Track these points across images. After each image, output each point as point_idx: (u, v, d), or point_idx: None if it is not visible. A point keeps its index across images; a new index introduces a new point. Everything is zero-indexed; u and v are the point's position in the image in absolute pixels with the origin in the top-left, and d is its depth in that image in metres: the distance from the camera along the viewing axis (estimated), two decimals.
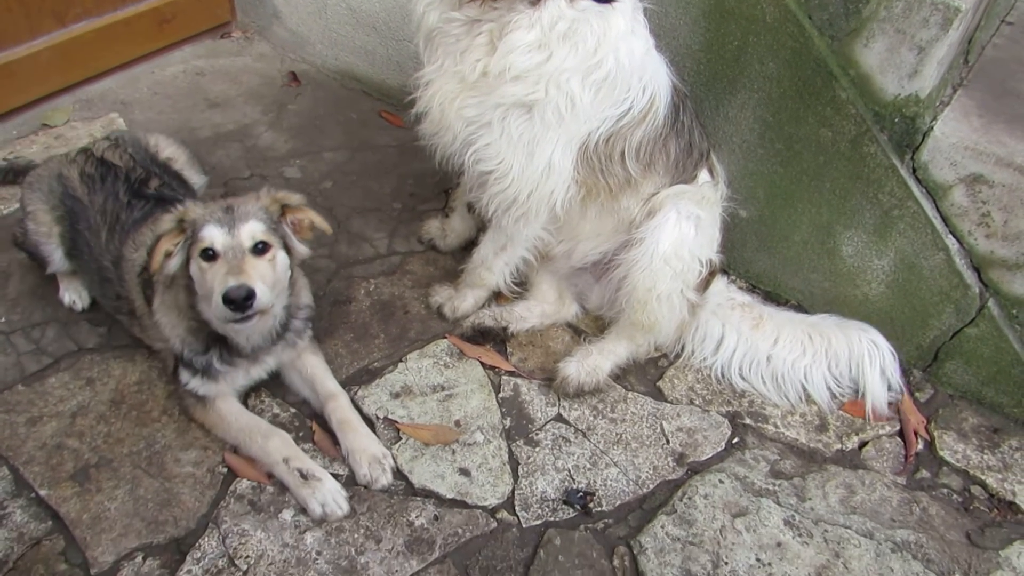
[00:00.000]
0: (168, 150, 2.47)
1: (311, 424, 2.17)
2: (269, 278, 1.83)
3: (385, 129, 3.28)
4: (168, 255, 1.87)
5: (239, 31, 3.73)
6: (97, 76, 3.30)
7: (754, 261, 2.70)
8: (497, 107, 2.01)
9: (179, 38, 3.55)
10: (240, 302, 1.74)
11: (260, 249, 1.84)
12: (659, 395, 2.41)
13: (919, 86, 2.18)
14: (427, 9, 2.04)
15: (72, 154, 2.32)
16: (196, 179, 2.49)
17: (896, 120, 2.25)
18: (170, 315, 2.00)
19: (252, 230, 1.83)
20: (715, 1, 2.33)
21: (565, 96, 1.98)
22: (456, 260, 2.65)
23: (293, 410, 2.21)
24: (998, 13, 2.73)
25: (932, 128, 2.23)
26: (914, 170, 2.29)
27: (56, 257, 2.28)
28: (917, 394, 2.51)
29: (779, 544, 2.04)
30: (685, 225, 2.23)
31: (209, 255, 1.81)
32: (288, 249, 1.94)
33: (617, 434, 2.27)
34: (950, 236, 2.31)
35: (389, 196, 2.95)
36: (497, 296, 2.56)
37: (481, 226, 2.52)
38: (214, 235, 1.81)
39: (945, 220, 2.31)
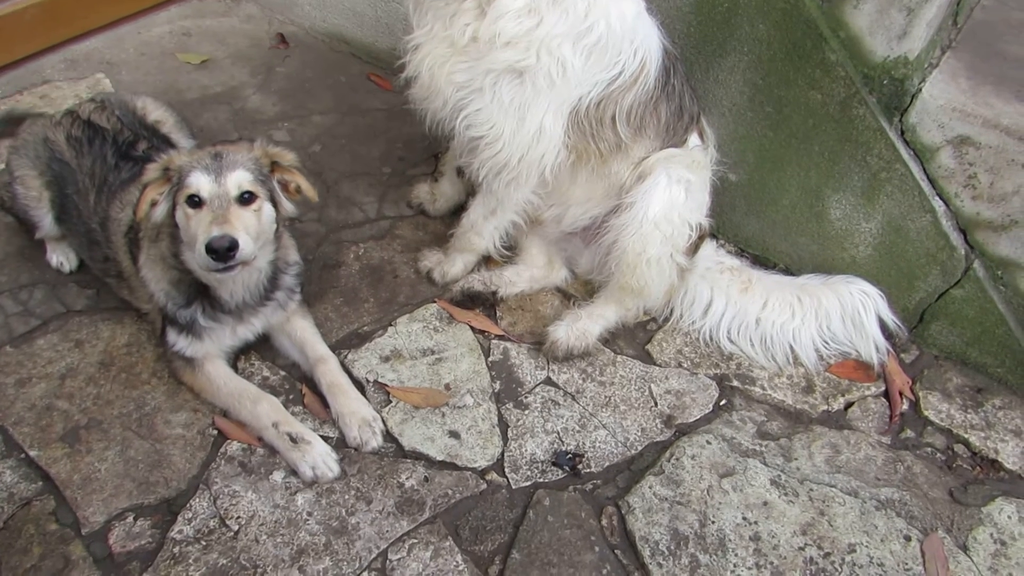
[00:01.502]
0: (156, 113, 2.45)
1: (301, 387, 2.18)
2: (253, 229, 1.82)
3: (374, 92, 3.25)
4: (154, 204, 1.87)
5: None
6: (83, 35, 3.26)
7: (743, 225, 2.71)
8: (488, 73, 2.00)
9: None
10: (223, 252, 1.74)
11: (246, 199, 1.83)
12: (648, 358, 2.42)
13: (908, 48, 2.17)
14: None
15: (57, 117, 2.30)
16: (184, 142, 2.48)
17: (885, 82, 2.24)
18: (155, 268, 2.00)
19: (239, 179, 1.82)
20: None
21: (556, 61, 1.97)
22: (445, 224, 2.65)
23: (283, 373, 2.22)
24: None
25: (920, 90, 2.23)
26: (902, 132, 2.29)
27: (46, 222, 2.28)
28: (903, 355, 2.53)
29: (765, 503, 2.08)
30: (675, 189, 2.23)
31: (195, 202, 1.81)
32: (275, 203, 1.93)
33: (606, 397, 2.29)
34: (937, 198, 2.32)
35: (378, 160, 2.94)
36: (487, 260, 2.56)
37: (471, 190, 2.51)
38: (200, 182, 1.80)
39: (932, 182, 2.31)
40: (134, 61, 3.24)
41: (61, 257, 2.38)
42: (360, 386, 2.18)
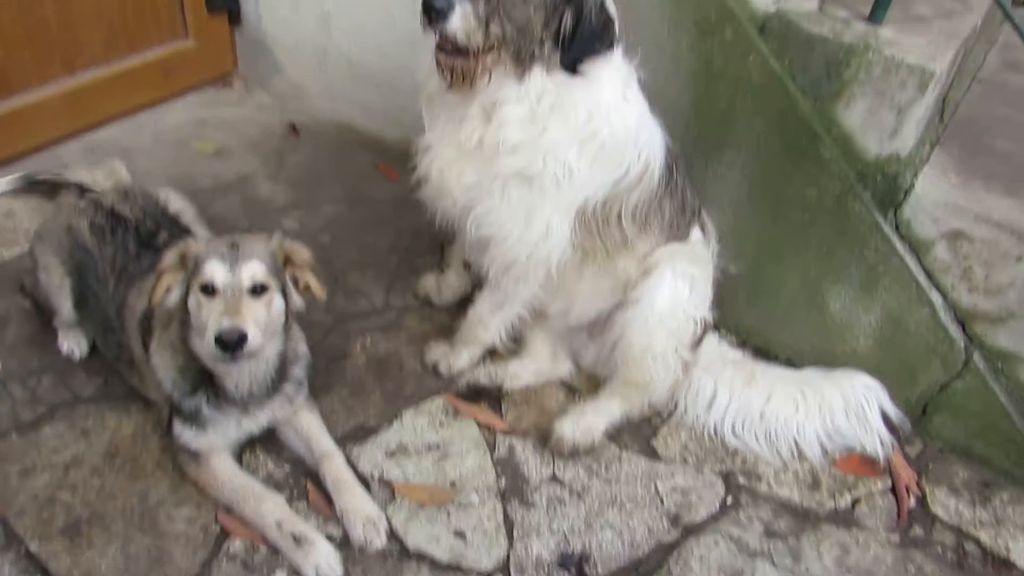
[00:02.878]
0: (177, 204, 2.51)
1: (306, 483, 2.18)
2: (263, 320, 1.85)
3: (382, 182, 3.33)
4: (168, 289, 1.90)
5: (240, 82, 3.80)
6: (102, 123, 3.36)
7: (744, 316, 2.73)
8: (496, 177, 2.06)
9: (183, 88, 3.62)
10: (231, 344, 1.77)
11: (258, 290, 1.86)
12: (653, 454, 2.42)
13: (899, 145, 2.24)
14: (427, 77, 2.11)
15: (82, 205, 2.36)
16: (202, 233, 2.52)
17: (878, 178, 2.30)
18: (164, 355, 2.02)
19: (253, 270, 1.85)
20: (703, 63, 2.40)
21: (562, 166, 2.03)
22: (452, 315, 2.68)
23: (288, 468, 2.22)
24: (969, 72, 2.80)
25: (913, 186, 2.28)
26: (897, 227, 2.34)
27: (65, 309, 2.32)
28: (907, 449, 2.52)
29: None
30: (680, 284, 2.27)
31: (209, 290, 1.83)
32: (285, 295, 1.96)
33: (612, 495, 2.28)
34: (934, 291, 2.35)
35: (386, 250, 2.99)
36: (492, 353, 2.59)
37: (477, 282, 2.55)
38: (216, 271, 1.83)
39: (929, 275, 2.35)
40: (150, 149, 3.33)
41: (72, 344, 2.42)
42: (365, 482, 2.18)
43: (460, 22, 1.83)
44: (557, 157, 2.02)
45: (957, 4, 2.53)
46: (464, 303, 2.59)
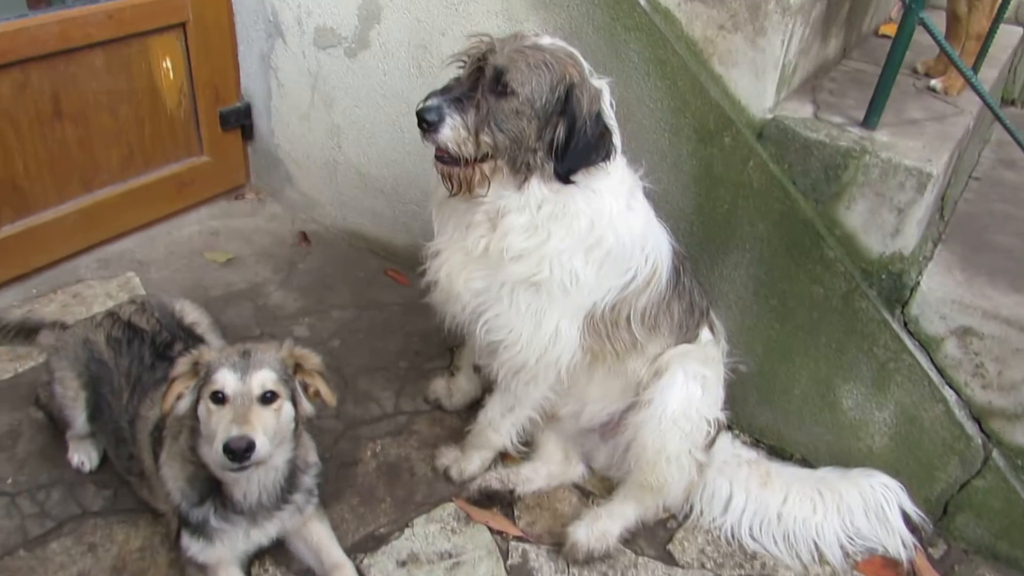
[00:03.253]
0: (192, 315, 2.54)
1: None
2: (272, 428, 1.85)
3: (391, 287, 3.37)
4: (179, 397, 1.90)
5: (253, 193, 3.91)
6: (117, 237, 3.44)
7: (756, 415, 2.72)
8: (504, 283, 2.10)
9: (196, 200, 3.72)
10: (240, 453, 1.76)
11: (268, 398, 1.87)
12: (670, 559, 2.37)
13: (902, 244, 2.28)
14: (437, 184, 2.16)
15: (98, 318, 2.39)
16: (216, 343, 2.55)
17: (883, 277, 2.33)
18: (173, 465, 2.01)
19: (263, 379, 1.86)
20: (704, 168, 2.47)
21: (569, 273, 2.06)
22: (462, 419, 2.67)
23: None
24: (965, 170, 2.88)
25: (919, 283, 2.31)
26: (905, 323, 2.35)
27: (79, 422, 2.31)
28: (931, 550, 2.46)
29: None
30: (692, 385, 2.26)
31: (218, 398, 1.84)
32: (295, 402, 1.96)
33: None
34: (947, 387, 2.35)
35: (395, 355, 3.01)
36: (503, 456, 2.56)
37: (487, 386, 2.56)
38: (226, 379, 1.84)
39: (941, 372, 2.35)
40: (163, 260, 3.39)
41: (83, 456, 2.40)
42: None
43: (450, 132, 1.90)
44: (563, 264, 2.05)
45: (948, 107, 2.63)
46: (475, 407, 2.58)
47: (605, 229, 2.06)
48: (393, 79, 3.11)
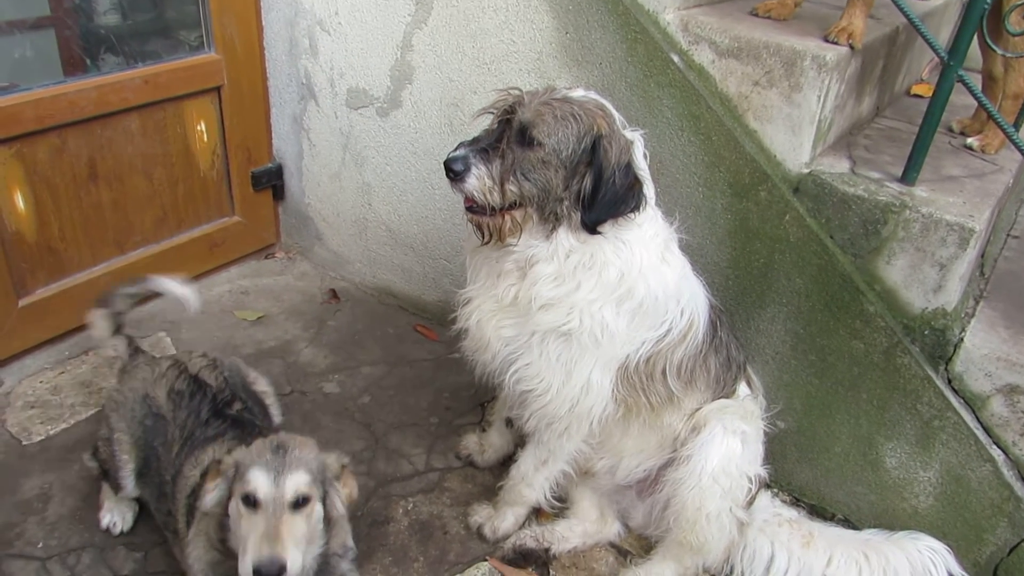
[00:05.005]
0: (261, 385, 2.50)
1: None
2: (303, 535, 1.76)
3: (421, 343, 3.37)
4: (211, 490, 1.83)
5: (283, 252, 3.95)
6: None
7: (795, 473, 2.66)
8: (534, 332, 2.09)
9: (227, 260, 3.75)
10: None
11: (300, 503, 1.77)
12: None
13: (944, 300, 2.25)
14: (471, 233, 2.17)
15: (163, 367, 2.34)
16: (277, 414, 2.50)
17: (926, 332, 2.30)
18: (199, 544, 1.93)
19: (297, 483, 1.76)
20: (739, 222, 2.47)
21: (599, 324, 2.05)
22: (495, 476, 2.63)
23: None
24: (1003, 228, 2.86)
25: (962, 340, 2.28)
26: (949, 380, 2.31)
27: (129, 486, 2.26)
28: None
29: None
30: (732, 441, 2.22)
31: (250, 502, 1.75)
32: (326, 501, 1.86)
33: None
34: (994, 447, 2.29)
35: (426, 411, 2.98)
36: (538, 513, 2.52)
37: (519, 441, 2.53)
38: (259, 482, 1.75)
39: (987, 430, 2.29)
40: (194, 320, 3.40)
41: (116, 517, 2.37)
42: None
43: (475, 181, 1.93)
44: (592, 315, 2.04)
45: (987, 164, 2.63)
46: (507, 463, 2.55)
47: (636, 280, 2.04)
48: (424, 137, 3.16)
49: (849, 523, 2.59)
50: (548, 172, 1.95)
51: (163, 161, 3.31)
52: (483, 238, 2.06)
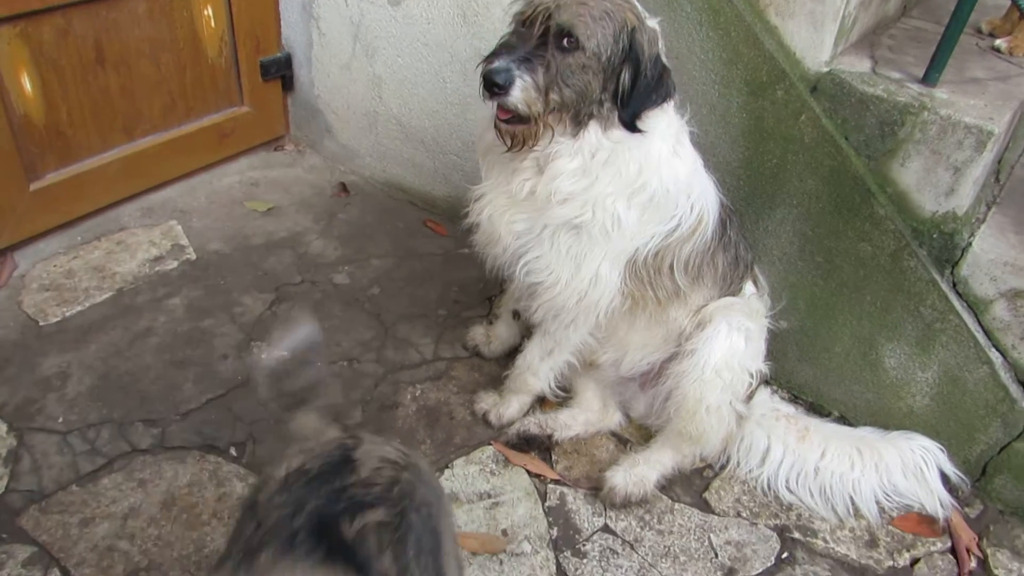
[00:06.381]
0: None
1: None
2: None
3: (430, 238, 3.39)
4: None
5: (292, 144, 3.93)
6: (159, 186, 3.47)
7: (796, 372, 2.72)
8: (546, 226, 2.11)
9: (236, 151, 3.73)
10: None
11: None
12: (706, 507, 2.39)
13: (956, 204, 2.26)
14: (483, 131, 2.17)
15: None
16: None
17: (935, 236, 2.31)
18: None
19: None
20: (754, 122, 2.45)
21: (611, 216, 2.06)
22: (500, 367, 2.69)
23: None
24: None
25: (970, 244, 2.29)
26: (954, 284, 2.34)
27: None
28: (967, 509, 2.47)
29: None
30: (736, 337, 2.27)
31: None
32: None
33: (665, 546, 2.25)
34: (993, 350, 2.33)
35: (434, 303, 3.03)
36: (541, 402, 2.59)
37: (526, 333, 2.58)
38: None
39: (987, 334, 2.33)
40: (204, 208, 3.43)
41: None
42: None
43: (521, 94, 1.87)
44: (606, 208, 2.05)
45: (1013, 67, 2.57)
46: (512, 355, 2.60)
47: (651, 174, 2.05)
48: (436, 28, 3.09)
49: (845, 420, 2.67)
50: (587, 76, 1.92)
51: (170, 47, 3.25)
52: (510, 145, 2.04)
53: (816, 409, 2.72)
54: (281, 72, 3.72)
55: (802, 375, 2.72)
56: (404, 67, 3.29)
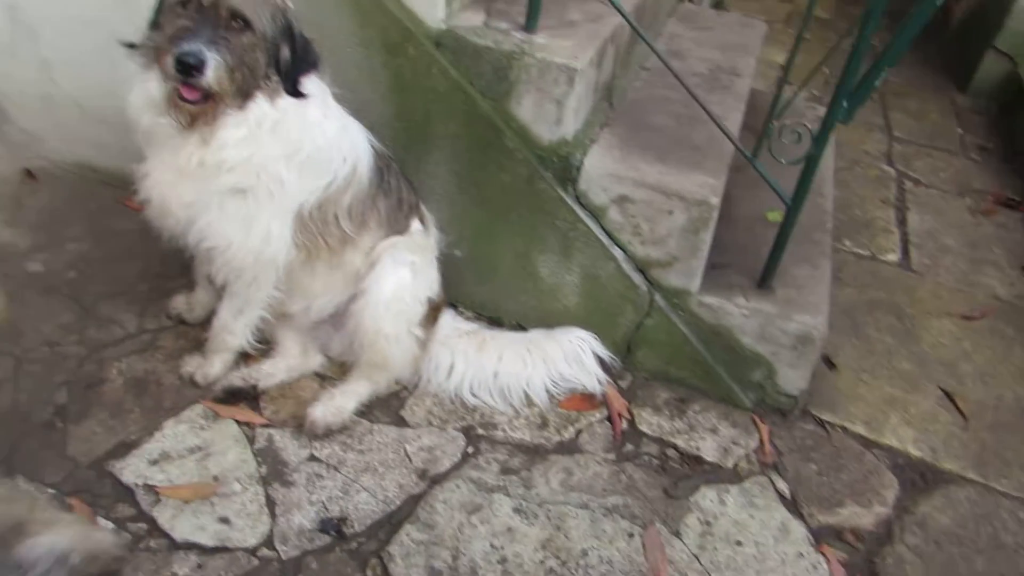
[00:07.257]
0: None
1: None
2: None
3: (127, 215, 3.39)
4: None
5: None
6: None
7: (474, 293, 3.11)
8: (214, 194, 2.29)
9: None
10: None
11: None
12: (402, 422, 2.73)
13: (564, 131, 2.68)
14: (138, 114, 2.29)
15: None
16: None
17: (555, 160, 2.73)
18: None
19: None
20: (396, 78, 2.73)
21: (275, 178, 2.30)
22: (206, 330, 2.81)
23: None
24: (638, 61, 3.33)
25: (583, 163, 2.73)
26: (577, 198, 2.78)
27: None
28: (620, 383, 2.99)
29: (509, 529, 2.41)
30: (402, 271, 2.59)
31: None
32: None
33: (365, 463, 2.56)
34: (615, 247, 2.82)
35: (136, 278, 3.10)
36: (247, 357, 2.78)
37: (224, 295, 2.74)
38: None
39: (609, 234, 2.81)
40: None
41: None
42: (129, 491, 2.33)
43: (213, 74, 2.04)
44: (270, 171, 2.27)
45: (605, 8, 3.01)
46: None
47: (305, 137, 2.30)
48: (90, 6, 3.08)
49: (521, 328, 3.09)
50: (256, 53, 2.13)
51: None
52: (189, 123, 2.18)
53: (497, 322, 3.13)
54: None
55: (479, 295, 3.11)
56: (69, 48, 3.24)
